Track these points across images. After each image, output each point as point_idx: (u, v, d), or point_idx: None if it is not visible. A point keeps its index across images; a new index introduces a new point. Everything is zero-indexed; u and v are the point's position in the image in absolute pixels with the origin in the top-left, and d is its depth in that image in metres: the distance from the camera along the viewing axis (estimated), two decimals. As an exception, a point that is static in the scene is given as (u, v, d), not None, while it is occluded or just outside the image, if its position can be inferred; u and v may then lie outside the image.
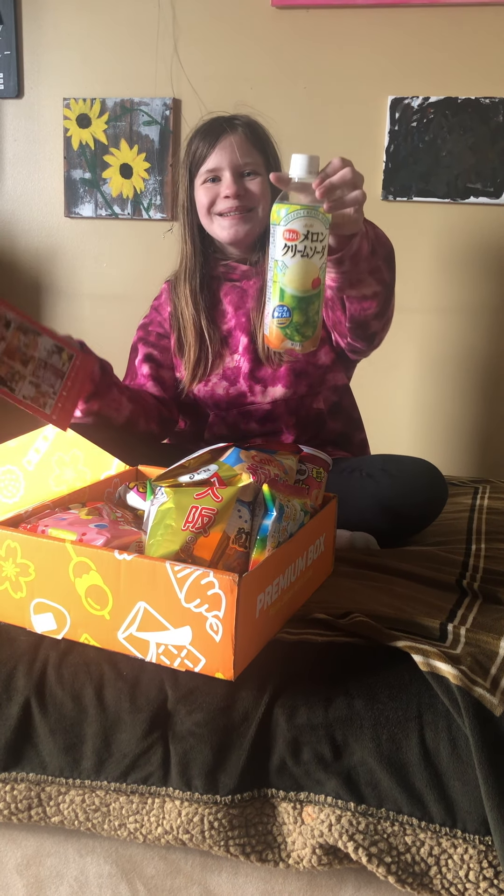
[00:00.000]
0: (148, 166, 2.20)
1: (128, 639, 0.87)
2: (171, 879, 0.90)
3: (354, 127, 2.07)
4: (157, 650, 0.85)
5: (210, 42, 2.11)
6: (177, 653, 0.84)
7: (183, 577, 0.82)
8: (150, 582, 0.83)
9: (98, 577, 0.86)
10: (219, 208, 1.40)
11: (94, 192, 2.24)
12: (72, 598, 0.89)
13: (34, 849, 0.92)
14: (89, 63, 2.19)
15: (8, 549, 0.91)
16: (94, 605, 0.87)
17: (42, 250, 2.33)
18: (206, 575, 0.80)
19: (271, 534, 0.89)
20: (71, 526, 0.94)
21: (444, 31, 1.99)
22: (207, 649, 0.82)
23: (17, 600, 0.92)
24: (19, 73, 2.23)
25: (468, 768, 0.80)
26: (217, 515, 0.88)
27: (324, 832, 0.81)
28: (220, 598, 0.80)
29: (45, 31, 2.19)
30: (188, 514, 0.88)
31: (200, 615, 0.82)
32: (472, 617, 1.01)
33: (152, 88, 2.16)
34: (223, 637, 0.81)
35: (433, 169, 2.04)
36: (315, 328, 0.97)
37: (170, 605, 0.83)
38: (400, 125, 2.04)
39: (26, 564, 0.90)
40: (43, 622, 0.91)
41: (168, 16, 2.11)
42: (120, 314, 2.28)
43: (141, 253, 2.26)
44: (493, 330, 2.12)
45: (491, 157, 2.01)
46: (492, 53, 1.97)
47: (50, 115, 2.24)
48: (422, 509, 1.32)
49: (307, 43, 2.06)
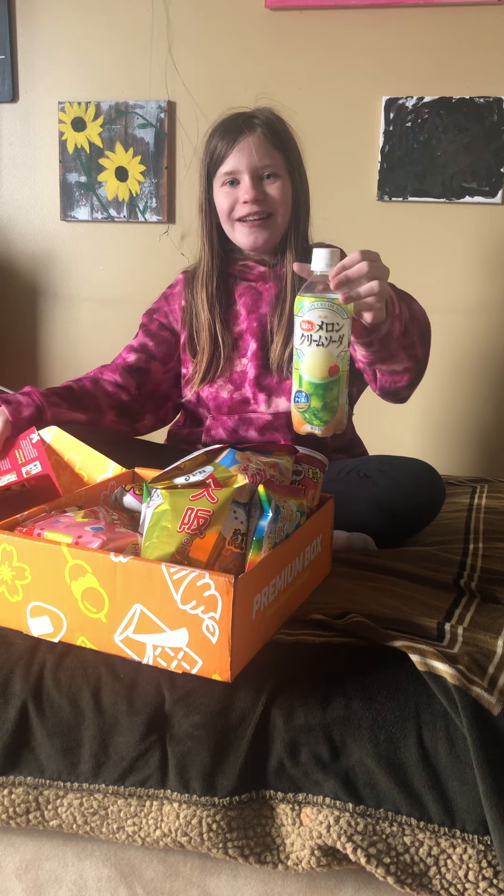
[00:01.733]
0: (143, 169, 2.20)
1: (124, 641, 0.87)
2: (171, 882, 0.90)
3: (349, 127, 2.07)
4: (154, 652, 0.85)
5: (204, 44, 2.11)
6: (173, 655, 0.84)
7: (179, 578, 0.81)
8: (147, 584, 0.83)
9: (94, 579, 0.86)
10: (238, 213, 1.37)
11: (89, 195, 2.25)
12: (68, 601, 0.88)
13: (33, 853, 0.92)
14: (84, 66, 2.19)
15: (3, 552, 0.90)
16: (91, 607, 0.87)
17: (38, 254, 2.33)
18: (201, 576, 0.80)
19: (267, 535, 0.89)
20: (67, 529, 0.94)
21: (437, 30, 1.99)
22: (204, 651, 0.82)
23: (13, 604, 0.92)
24: (14, 77, 2.23)
25: (467, 768, 0.80)
26: (213, 517, 0.87)
27: (322, 833, 0.81)
28: (217, 600, 0.80)
29: (39, 34, 2.19)
30: (184, 516, 0.88)
31: (197, 617, 0.81)
32: (470, 616, 1.01)
33: (147, 91, 2.16)
34: (220, 639, 0.81)
35: (428, 169, 2.05)
36: (334, 413, 0.99)
37: (166, 607, 0.83)
38: (394, 125, 2.04)
39: (22, 568, 0.90)
40: (39, 625, 0.91)
41: (162, 18, 2.12)
42: (117, 317, 2.28)
43: (137, 256, 2.26)
44: (488, 329, 2.12)
45: (486, 157, 2.01)
46: (486, 53, 1.98)
47: (45, 118, 2.24)
48: (419, 510, 1.32)
49: (301, 44, 2.06)
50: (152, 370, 1.49)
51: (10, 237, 2.34)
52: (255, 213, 1.36)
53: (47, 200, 2.29)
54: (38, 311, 2.36)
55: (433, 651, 0.87)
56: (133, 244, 2.27)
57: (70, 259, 2.31)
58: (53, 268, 2.33)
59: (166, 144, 2.17)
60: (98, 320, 2.33)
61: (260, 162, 1.35)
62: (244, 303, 1.44)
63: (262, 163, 1.35)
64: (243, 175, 1.35)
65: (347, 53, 2.04)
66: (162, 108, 2.15)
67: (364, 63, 2.04)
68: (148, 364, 1.49)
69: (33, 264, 2.33)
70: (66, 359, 2.37)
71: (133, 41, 2.14)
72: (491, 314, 2.11)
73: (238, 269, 1.45)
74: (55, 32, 2.19)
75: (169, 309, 1.51)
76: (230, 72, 2.10)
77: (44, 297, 2.35)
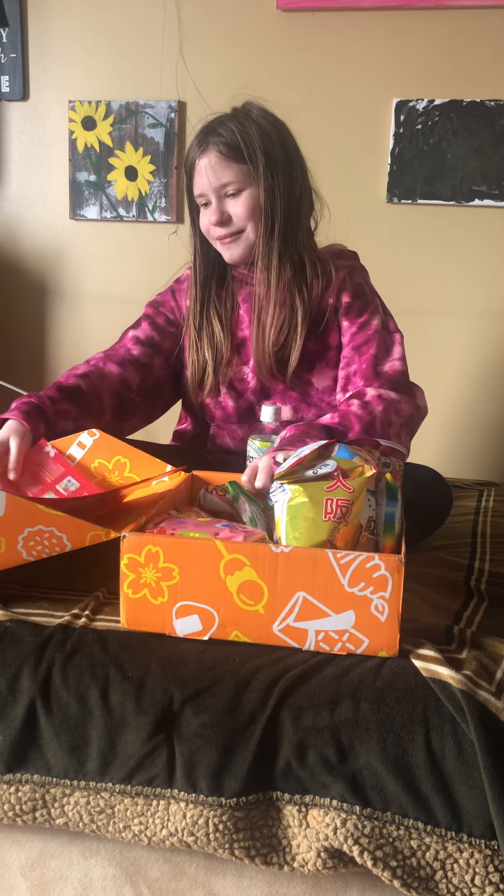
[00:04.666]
0: (153, 169, 2.20)
1: (284, 630, 0.89)
2: (176, 882, 0.90)
3: (359, 129, 2.07)
4: (317, 637, 0.89)
5: (215, 44, 2.11)
6: (338, 637, 0.88)
7: (346, 563, 0.85)
8: (311, 571, 0.86)
9: (252, 572, 0.88)
10: (213, 234, 1.34)
11: (98, 194, 2.25)
12: (222, 596, 0.89)
13: (38, 851, 0.92)
14: (94, 66, 2.19)
15: (148, 554, 0.90)
16: (248, 600, 0.89)
17: (47, 253, 2.33)
18: (370, 559, 0.85)
19: (398, 519, 0.95)
20: (197, 528, 0.95)
21: (448, 33, 1.99)
22: (372, 630, 0.87)
23: (156, 606, 0.91)
24: (25, 76, 2.23)
25: (474, 772, 0.80)
26: (353, 506, 0.92)
27: (329, 835, 0.81)
28: (387, 580, 0.85)
29: (50, 34, 2.20)
30: (325, 506, 0.91)
31: (365, 598, 0.86)
32: (478, 620, 1.01)
33: (157, 91, 2.17)
34: (389, 617, 0.86)
35: (438, 172, 2.05)
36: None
37: (331, 592, 0.86)
38: (405, 128, 2.04)
39: (170, 568, 0.90)
40: (187, 625, 0.91)
41: (173, 18, 2.12)
42: (125, 316, 2.26)
43: (146, 255, 2.26)
44: (495, 332, 2.12)
45: (496, 160, 2.01)
46: (497, 56, 1.98)
47: (55, 117, 2.25)
48: (426, 519, 1.31)
49: (312, 45, 2.06)
50: (154, 366, 1.44)
51: (19, 235, 2.34)
52: (225, 234, 1.32)
53: (56, 199, 2.30)
54: (47, 309, 2.36)
55: (437, 657, 0.87)
56: (142, 244, 2.27)
57: (79, 258, 2.32)
58: (62, 266, 2.33)
59: (176, 144, 2.17)
60: (106, 319, 2.32)
61: (217, 182, 1.29)
62: (247, 309, 1.41)
63: (219, 182, 1.29)
64: (210, 196, 1.31)
65: (358, 55, 2.04)
66: (172, 108, 2.15)
67: (375, 65, 2.04)
68: (152, 359, 1.44)
69: (42, 263, 2.34)
70: (73, 357, 2.37)
71: (144, 41, 2.15)
72: (498, 317, 2.11)
73: (240, 271, 1.41)
74: (66, 31, 2.19)
75: (176, 305, 1.48)
76: (241, 72, 2.10)
77: (52, 295, 2.35)
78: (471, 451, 2.20)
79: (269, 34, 2.08)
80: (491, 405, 2.16)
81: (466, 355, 2.14)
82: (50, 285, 2.34)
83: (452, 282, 2.11)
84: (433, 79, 2.02)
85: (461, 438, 2.20)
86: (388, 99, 2.04)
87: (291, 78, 2.08)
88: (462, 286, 2.11)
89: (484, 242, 2.08)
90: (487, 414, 2.17)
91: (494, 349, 2.13)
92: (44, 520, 0.94)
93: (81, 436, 1.23)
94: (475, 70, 1.99)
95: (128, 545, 0.90)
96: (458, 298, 2.12)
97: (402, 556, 0.86)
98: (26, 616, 0.97)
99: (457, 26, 1.98)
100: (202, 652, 0.90)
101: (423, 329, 2.13)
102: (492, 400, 2.16)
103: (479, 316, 2.12)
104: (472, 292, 2.11)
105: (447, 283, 2.12)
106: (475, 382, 2.16)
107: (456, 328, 2.13)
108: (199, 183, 1.31)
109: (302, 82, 2.08)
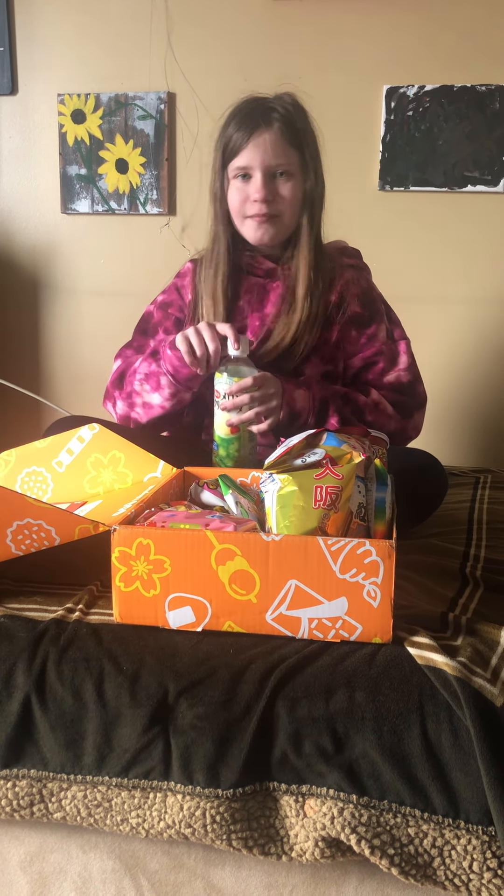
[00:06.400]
0: (143, 161, 2.19)
1: (276, 619, 0.89)
2: (175, 874, 0.90)
3: (350, 117, 2.06)
4: (310, 625, 0.88)
5: (203, 34, 2.10)
6: (331, 625, 0.88)
7: (337, 549, 0.85)
8: (302, 559, 0.86)
9: (244, 561, 0.87)
10: (248, 211, 1.34)
11: (90, 187, 2.24)
12: (214, 586, 0.89)
13: (37, 845, 0.92)
14: (83, 58, 2.18)
15: (139, 546, 0.89)
16: (240, 590, 0.88)
17: (39, 247, 2.32)
18: (361, 545, 0.85)
19: (388, 504, 0.95)
20: (188, 520, 0.94)
21: (439, 19, 1.98)
22: (365, 617, 0.87)
23: (149, 599, 0.91)
24: (13, 70, 2.22)
25: (470, 759, 0.79)
26: (342, 492, 0.91)
27: (326, 825, 0.81)
28: (378, 565, 0.84)
29: (38, 26, 2.18)
30: (315, 494, 0.91)
31: (357, 584, 0.85)
32: (473, 607, 1.01)
33: (147, 83, 2.15)
34: (381, 602, 0.86)
35: (430, 158, 2.03)
36: (235, 461, 1.28)
37: (323, 579, 0.86)
38: (396, 114, 2.03)
39: (161, 560, 0.89)
40: (180, 617, 0.91)
41: (161, 9, 2.10)
42: (118, 310, 2.27)
43: (138, 248, 2.25)
44: (490, 318, 2.11)
45: (488, 145, 2.00)
46: (487, 40, 1.96)
47: (44, 111, 2.23)
48: (421, 502, 1.31)
49: (301, 33, 2.05)
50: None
51: (10, 230, 2.33)
52: (267, 212, 1.32)
53: (47, 193, 2.29)
54: (40, 304, 2.35)
55: (432, 644, 0.87)
56: (134, 236, 2.26)
57: (71, 252, 2.31)
58: (54, 261, 2.32)
59: (166, 136, 2.16)
60: (99, 313, 2.32)
61: (274, 160, 1.30)
62: (248, 300, 1.41)
63: (275, 161, 1.30)
64: (256, 171, 1.31)
65: (348, 42, 2.03)
66: (162, 100, 2.14)
67: (365, 52, 2.03)
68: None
69: (34, 257, 2.33)
70: (67, 351, 2.37)
71: (132, 32, 2.13)
72: (493, 304, 2.10)
73: (246, 261, 1.41)
74: (54, 24, 2.17)
75: (183, 303, 1.47)
76: (230, 62, 2.09)
77: (45, 290, 2.34)
78: (466, 439, 2.20)
79: (258, 23, 2.06)
80: (487, 391, 2.16)
81: (461, 342, 2.13)
82: (42, 279, 2.34)
83: (446, 268, 2.10)
84: (423, 64, 2.00)
85: (456, 425, 2.19)
86: (378, 85, 2.03)
87: (281, 66, 2.06)
88: (455, 272, 2.10)
89: (476, 228, 2.07)
90: (484, 400, 2.17)
91: (490, 335, 2.12)
92: (32, 513, 0.93)
93: (82, 430, 1.23)
94: (466, 55, 1.98)
95: (118, 538, 0.89)
96: (451, 285, 2.11)
97: (394, 541, 0.85)
98: (20, 611, 0.97)
99: (447, 11, 1.97)
100: (196, 643, 0.90)
101: (416, 316, 2.12)
102: (488, 386, 2.15)
103: (474, 302, 2.11)
104: (466, 278, 2.10)
105: (440, 269, 2.11)
106: (471, 369, 2.15)
107: (450, 314, 2.12)
108: (250, 156, 1.31)
109: (291, 70, 2.05)
